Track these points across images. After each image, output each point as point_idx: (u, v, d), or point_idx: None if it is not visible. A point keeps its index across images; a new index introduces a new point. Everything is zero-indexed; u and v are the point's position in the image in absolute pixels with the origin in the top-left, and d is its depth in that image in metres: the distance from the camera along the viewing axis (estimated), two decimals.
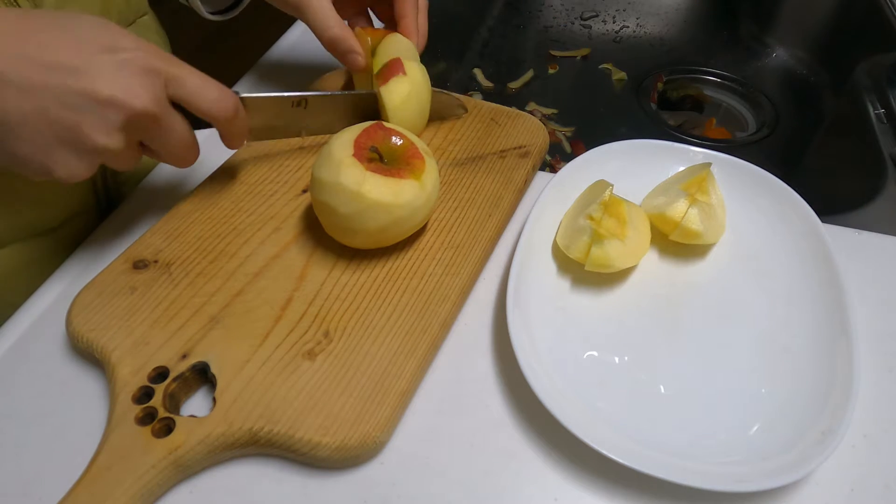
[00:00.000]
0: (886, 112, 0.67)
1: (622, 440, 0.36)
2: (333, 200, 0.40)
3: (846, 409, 0.36)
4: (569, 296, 0.45)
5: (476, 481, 0.36)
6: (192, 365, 0.37)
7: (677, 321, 0.43)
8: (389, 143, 0.43)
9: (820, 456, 0.34)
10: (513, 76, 0.88)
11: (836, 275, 0.43)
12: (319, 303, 0.41)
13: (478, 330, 0.43)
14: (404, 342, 0.39)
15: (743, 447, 0.37)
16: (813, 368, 0.40)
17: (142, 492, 0.33)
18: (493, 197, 0.49)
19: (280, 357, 0.38)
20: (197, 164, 0.44)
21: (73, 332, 0.39)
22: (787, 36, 0.93)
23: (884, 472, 0.37)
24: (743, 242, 0.48)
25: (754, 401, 0.39)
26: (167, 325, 0.39)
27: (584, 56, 0.92)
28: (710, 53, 0.94)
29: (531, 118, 0.56)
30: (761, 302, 0.44)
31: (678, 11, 1.00)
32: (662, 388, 0.40)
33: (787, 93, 0.88)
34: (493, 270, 0.47)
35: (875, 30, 0.78)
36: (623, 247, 0.43)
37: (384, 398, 0.36)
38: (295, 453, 0.35)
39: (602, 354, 0.41)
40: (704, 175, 0.47)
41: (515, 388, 0.40)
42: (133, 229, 0.48)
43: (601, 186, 0.47)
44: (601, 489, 0.36)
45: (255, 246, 0.44)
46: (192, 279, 0.42)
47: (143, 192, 0.51)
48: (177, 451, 0.34)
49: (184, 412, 0.38)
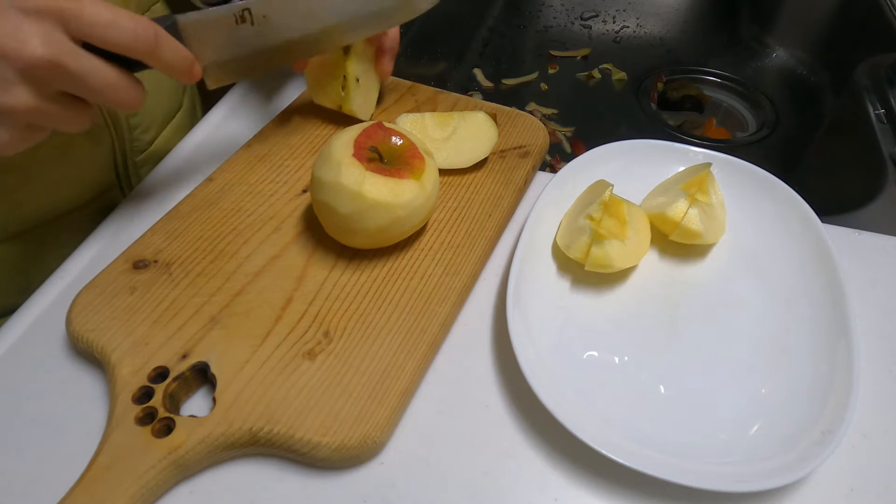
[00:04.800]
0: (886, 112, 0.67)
1: (622, 440, 0.36)
2: (333, 200, 0.40)
3: (846, 409, 0.36)
4: (569, 296, 0.45)
5: (476, 481, 0.36)
6: (192, 365, 0.37)
7: (677, 321, 0.43)
8: (389, 143, 0.43)
9: (820, 456, 0.34)
10: (513, 76, 0.88)
11: (836, 275, 0.43)
12: (319, 303, 0.41)
13: (478, 330, 0.43)
14: (404, 342, 0.39)
15: (743, 447, 0.37)
16: (813, 368, 0.40)
17: (142, 492, 0.33)
18: (493, 197, 0.49)
19: (280, 357, 0.38)
20: (197, 164, 0.44)
21: (73, 332, 0.39)
22: (787, 36, 0.93)
23: (884, 472, 0.37)
24: (743, 242, 0.48)
25: (754, 401, 0.39)
26: (167, 325, 0.39)
27: (584, 56, 0.92)
28: (710, 53, 0.94)
29: (531, 118, 0.56)
30: (761, 302, 0.44)
31: (678, 11, 1.00)
32: (662, 388, 0.40)
33: (787, 93, 0.88)
34: (493, 270, 0.47)
35: (875, 30, 0.78)
36: (623, 247, 0.43)
37: (384, 398, 0.36)
38: (295, 453, 0.35)
39: (602, 354, 0.41)
40: (704, 175, 0.47)
41: (515, 388, 0.40)
42: (133, 229, 0.48)
43: (601, 186, 0.47)
44: (601, 489, 0.36)
45: (255, 246, 0.44)
46: (193, 279, 0.42)
47: (144, 192, 0.51)
48: (177, 451, 0.34)
49: (184, 412, 0.38)
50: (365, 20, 0.48)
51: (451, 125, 0.52)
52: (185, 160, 0.54)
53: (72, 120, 0.36)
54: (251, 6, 0.43)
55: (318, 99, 0.54)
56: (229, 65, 0.44)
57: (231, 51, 0.44)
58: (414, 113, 0.53)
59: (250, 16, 0.43)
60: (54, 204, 0.50)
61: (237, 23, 0.43)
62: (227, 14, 0.42)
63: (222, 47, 0.43)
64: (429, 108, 0.57)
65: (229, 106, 0.59)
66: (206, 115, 0.58)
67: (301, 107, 0.56)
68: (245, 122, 0.58)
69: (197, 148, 0.55)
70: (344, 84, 0.51)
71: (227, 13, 0.42)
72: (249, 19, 0.43)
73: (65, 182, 0.49)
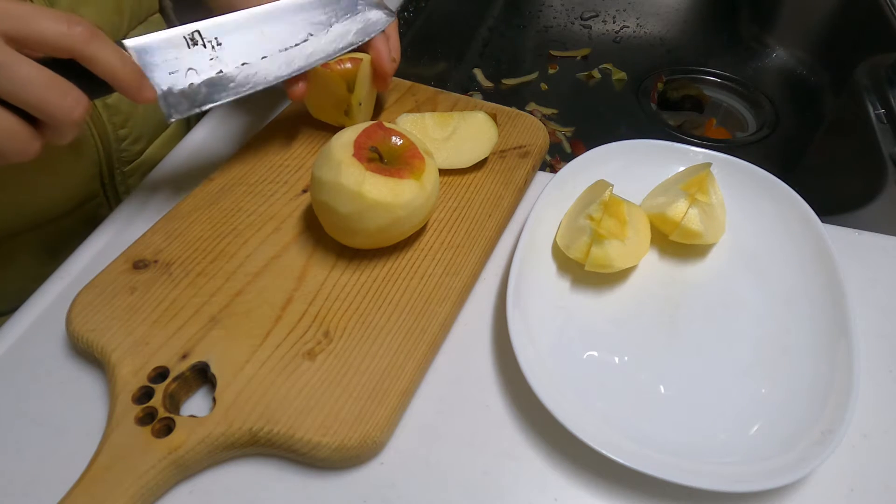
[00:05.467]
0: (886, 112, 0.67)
1: (622, 440, 0.36)
2: (333, 200, 0.40)
3: (846, 409, 0.36)
4: (569, 296, 0.45)
5: (476, 481, 0.36)
6: (192, 365, 0.37)
7: (677, 321, 0.43)
8: (389, 143, 0.43)
9: (820, 456, 0.34)
10: (513, 76, 0.88)
11: (836, 275, 0.43)
12: (319, 303, 0.41)
13: (478, 330, 0.43)
14: (404, 342, 0.39)
15: (743, 447, 0.37)
16: (813, 368, 0.40)
17: (142, 492, 0.33)
18: (493, 197, 0.49)
19: (280, 357, 0.38)
20: (197, 164, 0.44)
21: (73, 332, 0.39)
22: (787, 36, 0.93)
23: (884, 472, 0.37)
24: (743, 242, 0.48)
25: (754, 401, 0.39)
26: (167, 325, 0.39)
27: (584, 56, 0.92)
28: (710, 53, 0.94)
29: (531, 118, 0.56)
30: (761, 302, 0.44)
31: (678, 11, 1.00)
32: (662, 388, 0.40)
33: (787, 93, 0.88)
34: (493, 270, 0.47)
35: (875, 30, 0.78)
36: (623, 247, 0.43)
37: (384, 398, 0.36)
38: (295, 453, 0.35)
39: (602, 354, 0.41)
40: (704, 175, 0.47)
41: (515, 388, 0.40)
42: (133, 229, 0.48)
43: (601, 186, 0.47)
44: (601, 489, 0.36)
45: (255, 246, 0.44)
46: (193, 279, 0.42)
47: (144, 192, 0.51)
48: (177, 451, 0.34)
49: (184, 412, 0.38)
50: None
51: (451, 125, 0.52)
52: (184, 161, 0.54)
53: (15, 142, 0.34)
54: (203, 30, 0.41)
55: (318, 116, 0.54)
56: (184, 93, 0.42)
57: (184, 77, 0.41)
58: (414, 113, 0.53)
59: (201, 39, 0.41)
60: (33, 213, 0.48)
61: (189, 48, 0.41)
62: (174, 37, 0.40)
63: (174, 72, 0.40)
64: (429, 108, 0.57)
65: (228, 107, 0.59)
66: (205, 116, 0.58)
67: (300, 107, 0.56)
68: (245, 122, 0.58)
69: (196, 148, 0.55)
70: (348, 109, 0.51)
71: (174, 36, 0.40)
72: (200, 41, 0.41)
73: (44, 191, 0.48)
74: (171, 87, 0.41)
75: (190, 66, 0.41)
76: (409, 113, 0.53)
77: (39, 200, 0.48)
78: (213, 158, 0.54)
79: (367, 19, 0.48)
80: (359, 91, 0.50)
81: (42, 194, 0.48)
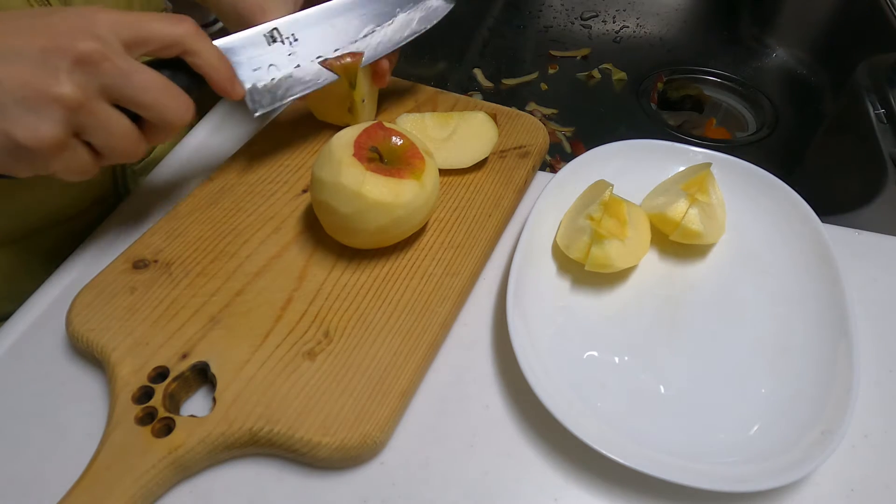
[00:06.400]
0: (886, 112, 0.67)
1: (622, 440, 0.36)
2: (334, 200, 0.40)
3: (846, 409, 0.36)
4: (569, 296, 0.45)
5: (476, 481, 0.36)
6: (192, 365, 0.37)
7: (677, 321, 0.43)
8: (390, 143, 0.43)
9: (820, 456, 0.34)
10: (513, 76, 0.88)
11: (836, 275, 0.43)
12: (319, 303, 0.41)
13: (478, 330, 0.43)
14: (404, 342, 0.39)
15: (743, 447, 0.37)
16: (813, 368, 0.40)
17: (142, 492, 0.33)
18: (493, 197, 0.49)
19: (280, 357, 0.38)
20: (196, 165, 0.44)
21: (73, 332, 0.39)
22: (787, 36, 0.93)
23: (884, 472, 0.37)
24: (743, 242, 0.48)
25: (754, 401, 0.39)
26: (167, 325, 0.39)
27: (584, 56, 0.92)
28: (710, 53, 0.94)
29: (531, 118, 0.56)
30: (761, 302, 0.44)
31: (678, 11, 1.00)
32: (662, 388, 0.40)
33: (787, 93, 0.88)
34: (493, 270, 0.47)
35: (875, 30, 0.78)
36: (623, 247, 0.43)
37: (384, 398, 0.36)
38: (295, 453, 0.35)
39: (602, 354, 0.41)
40: (704, 175, 0.47)
41: (515, 388, 0.40)
42: (133, 229, 0.48)
43: (601, 186, 0.47)
44: (601, 489, 0.36)
45: (256, 246, 0.44)
46: (193, 279, 0.42)
47: (144, 192, 0.51)
48: (177, 451, 0.34)
49: (184, 412, 0.38)
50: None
51: (451, 125, 0.52)
52: (184, 161, 0.54)
53: (74, 167, 0.36)
54: (282, 27, 0.43)
55: (322, 118, 0.54)
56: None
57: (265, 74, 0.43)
58: (414, 113, 0.53)
59: (279, 35, 0.43)
60: (51, 212, 0.49)
61: (269, 45, 0.43)
62: (256, 34, 0.42)
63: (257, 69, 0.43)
64: (429, 108, 0.57)
65: (228, 106, 0.59)
66: (205, 116, 0.58)
67: (301, 107, 0.56)
68: (245, 122, 0.58)
69: (197, 149, 0.55)
70: (351, 106, 0.51)
71: (255, 33, 0.43)
72: (279, 38, 0.44)
73: (63, 190, 0.49)
74: (255, 83, 0.44)
75: (271, 63, 0.44)
76: (409, 113, 0.53)
77: (59, 199, 0.49)
78: (213, 158, 0.54)
79: (428, 7, 0.51)
80: (360, 86, 0.50)
81: (64, 192, 0.49)
